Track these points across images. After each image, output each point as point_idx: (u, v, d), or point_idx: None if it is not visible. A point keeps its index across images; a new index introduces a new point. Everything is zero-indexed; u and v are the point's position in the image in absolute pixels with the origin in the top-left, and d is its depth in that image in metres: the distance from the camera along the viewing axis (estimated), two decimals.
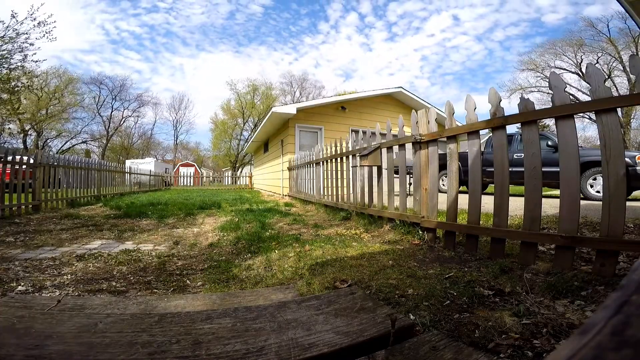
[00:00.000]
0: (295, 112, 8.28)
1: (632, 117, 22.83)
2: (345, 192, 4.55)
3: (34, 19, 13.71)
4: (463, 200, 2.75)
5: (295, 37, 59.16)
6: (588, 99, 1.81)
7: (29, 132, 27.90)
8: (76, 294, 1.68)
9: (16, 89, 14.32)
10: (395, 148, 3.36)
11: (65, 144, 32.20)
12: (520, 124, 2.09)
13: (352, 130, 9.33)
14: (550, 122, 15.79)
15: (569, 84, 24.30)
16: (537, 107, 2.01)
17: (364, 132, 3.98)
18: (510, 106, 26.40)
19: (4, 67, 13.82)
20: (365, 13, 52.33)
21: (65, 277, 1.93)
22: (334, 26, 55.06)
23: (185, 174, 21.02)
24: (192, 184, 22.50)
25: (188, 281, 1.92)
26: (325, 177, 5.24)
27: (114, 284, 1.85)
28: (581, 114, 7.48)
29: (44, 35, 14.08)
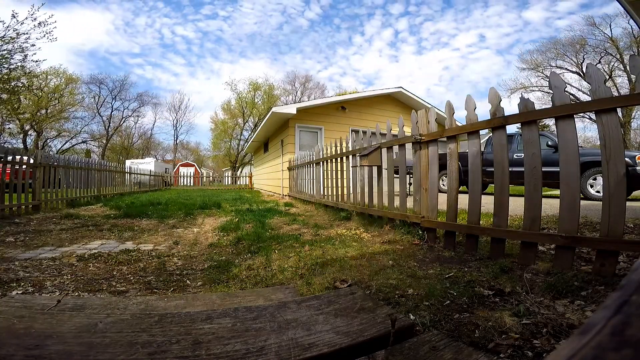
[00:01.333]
0: (295, 112, 8.28)
1: (632, 117, 22.81)
2: (345, 192, 4.55)
3: (35, 19, 13.72)
4: (463, 200, 2.75)
5: (330, 48, 62.82)
6: (588, 99, 1.81)
7: (29, 132, 27.90)
8: (76, 294, 1.68)
9: (16, 89, 14.32)
10: (395, 148, 3.36)
11: (65, 143, 32.20)
12: (520, 124, 2.09)
13: (352, 130, 9.33)
14: (550, 122, 15.79)
15: (569, 84, 24.27)
16: (537, 107, 2.01)
17: (364, 132, 3.98)
18: (511, 106, 26.40)
19: (4, 67, 13.84)
20: (401, 30, 56.07)
21: (65, 277, 1.94)
22: (368, 40, 58.64)
23: (185, 174, 21.03)
24: (192, 184, 22.50)
25: (188, 281, 1.92)
26: (325, 177, 5.24)
27: (114, 284, 1.85)
28: (581, 114, 7.48)
29: (44, 36, 14.09)
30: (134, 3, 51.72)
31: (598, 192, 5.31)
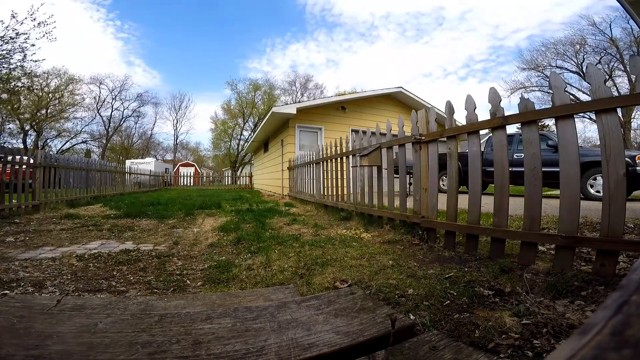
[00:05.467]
0: (295, 112, 8.28)
1: (632, 117, 22.80)
2: (345, 192, 4.55)
3: (34, 19, 13.72)
4: (463, 200, 2.75)
5: (413, 78, 68.64)
6: (588, 99, 1.81)
7: (29, 132, 27.89)
8: (76, 294, 1.68)
9: (16, 89, 14.33)
10: (395, 148, 3.36)
11: (65, 143, 32.17)
12: (520, 124, 2.09)
13: (352, 130, 9.33)
14: (550, 122, 15.78)
15: (569, 84, 24.26)
16: (537, 107, 2.01)
17: (364, 132, 3.98)
18: (511, 105, 26.44)
19: (4, 67, 13.85)
20: (477, 69, 63.65)
21: (65, 277, 1.93)
22: (445, 74, 65.93)
23: (185, 174, 21.02)
24: (192, 184, 22.49)
25: (188, 281, 1.92)
26: (325, 177, 5.24)
27: (114, 284, 1.85)
28: (581, 114, 7.47)
29: (43, 36, 14.10)
30: (309, 36, 63.21)
31: (598, 192, 5.31)
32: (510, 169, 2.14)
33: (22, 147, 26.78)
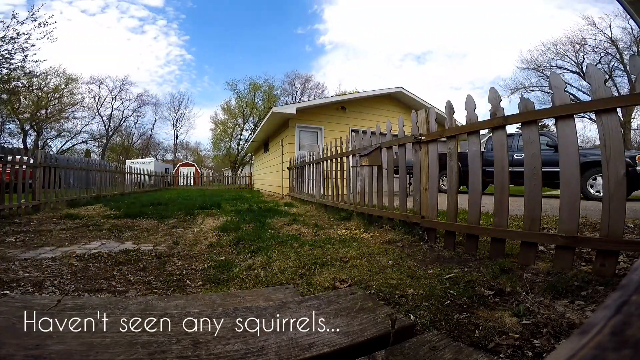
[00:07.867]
0: (295, 112, 8.28)
1: (632, 117, 22.77)
2: (345, 192, 4.55)
3: (35, 20, 13.73)
4: (463, 200, 2.75)
5: (439, 87, 69.24)
6: (588, 99, 1.81)
7: (29, 132, 27.88)
8: (76, 294, 1.68)
9: (16, 89, 14.34)
10: (395, 148, 3.36)
11: (65, 143, 32.13)
12: (520, 124, 2.09)
13: (352, 130, 9.32)
14: (550, 122, 15.77)
15: (569, 84, 24.25)
16: (537, 107, 2.01)
17: (364, 132, 3.98)
18: (511, 105, 26.38)
19: (4, 67, 13.85)
20: (501, 85, 61.99)
21: (65, 277, 1.94)
22: (473, 88, 65.85)
23: (185, 174, 21.00)
24: (192, 184, 22.49)
25: (188, 281, 1.92)
26: (325, 177, 5.24)
27: (114, 284, 1.85)
28: (581, 114, 7.48)
29: (44, 36, 14.11)
30: (367, 56, 64.62)
31: (598, 192, 5.31)
32: (510, 169, 2.14)
33: (22, 147, 26.77)
